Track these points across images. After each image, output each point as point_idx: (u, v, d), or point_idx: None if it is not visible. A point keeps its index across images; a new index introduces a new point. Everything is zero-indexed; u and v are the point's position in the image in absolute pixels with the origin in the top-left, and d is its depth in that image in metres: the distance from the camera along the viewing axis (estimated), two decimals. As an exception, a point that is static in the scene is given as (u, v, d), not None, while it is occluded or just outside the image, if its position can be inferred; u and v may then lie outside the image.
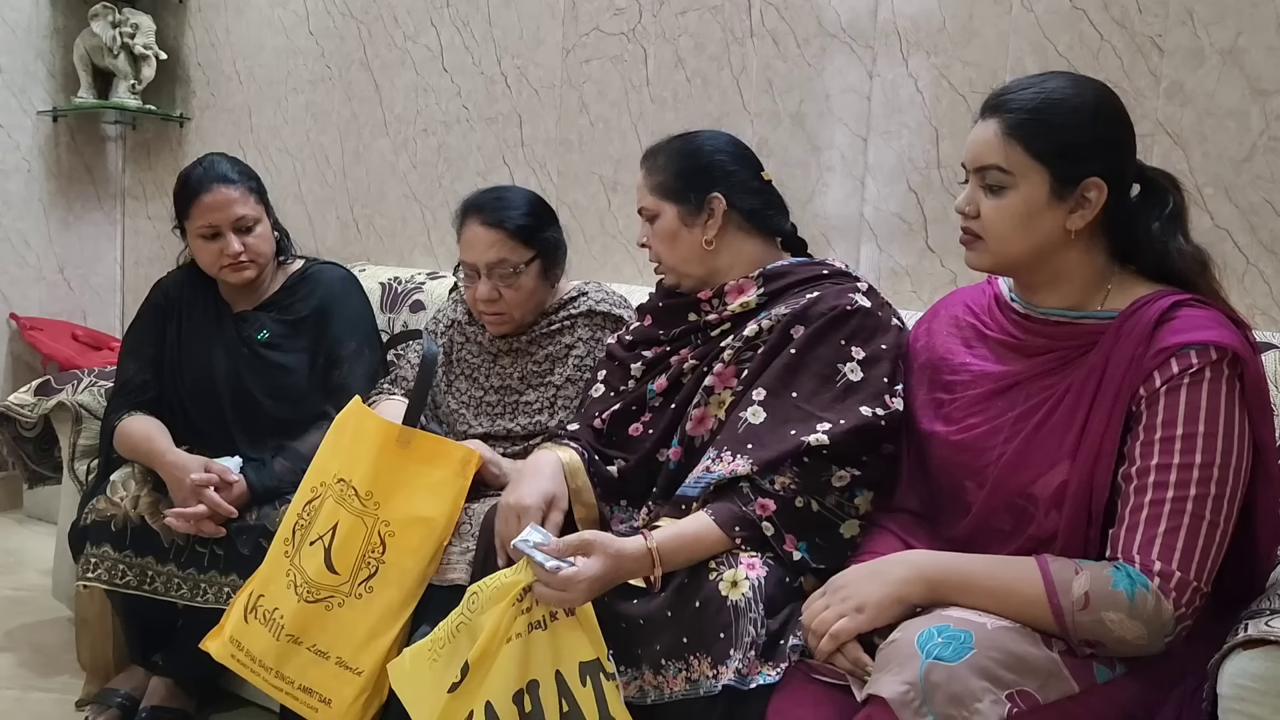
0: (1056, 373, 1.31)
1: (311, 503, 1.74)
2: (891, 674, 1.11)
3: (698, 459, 1.55)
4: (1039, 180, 1.28)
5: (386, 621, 1.63)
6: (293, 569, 1.71)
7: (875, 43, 2.20)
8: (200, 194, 2.01)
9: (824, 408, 1.47)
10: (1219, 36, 1.85)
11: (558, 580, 1.34)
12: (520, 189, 2.03)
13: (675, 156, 1.66)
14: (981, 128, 1.32)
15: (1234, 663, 1.10)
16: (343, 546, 1.67)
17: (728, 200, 1.62)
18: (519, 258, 1.89)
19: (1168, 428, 1.20)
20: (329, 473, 1.74)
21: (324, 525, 1.70)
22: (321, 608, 1.66)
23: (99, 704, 2.00)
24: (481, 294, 1.90)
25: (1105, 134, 1.29)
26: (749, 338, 1.57)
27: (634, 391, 1.69)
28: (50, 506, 2.83)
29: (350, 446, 1.75)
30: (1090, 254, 1.32)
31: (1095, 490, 1.24)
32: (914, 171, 2.17)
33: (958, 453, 1.36)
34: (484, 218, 1.90)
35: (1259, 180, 1.83)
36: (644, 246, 1.70)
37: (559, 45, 2.66)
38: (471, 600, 1.42)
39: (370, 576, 1.65)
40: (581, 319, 1.96)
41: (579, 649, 1.37)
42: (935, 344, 1.47)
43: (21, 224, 3.37)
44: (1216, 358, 1.20)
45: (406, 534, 1.66)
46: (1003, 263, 1.35)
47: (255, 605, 1.72)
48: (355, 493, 1.69)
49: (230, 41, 3.32)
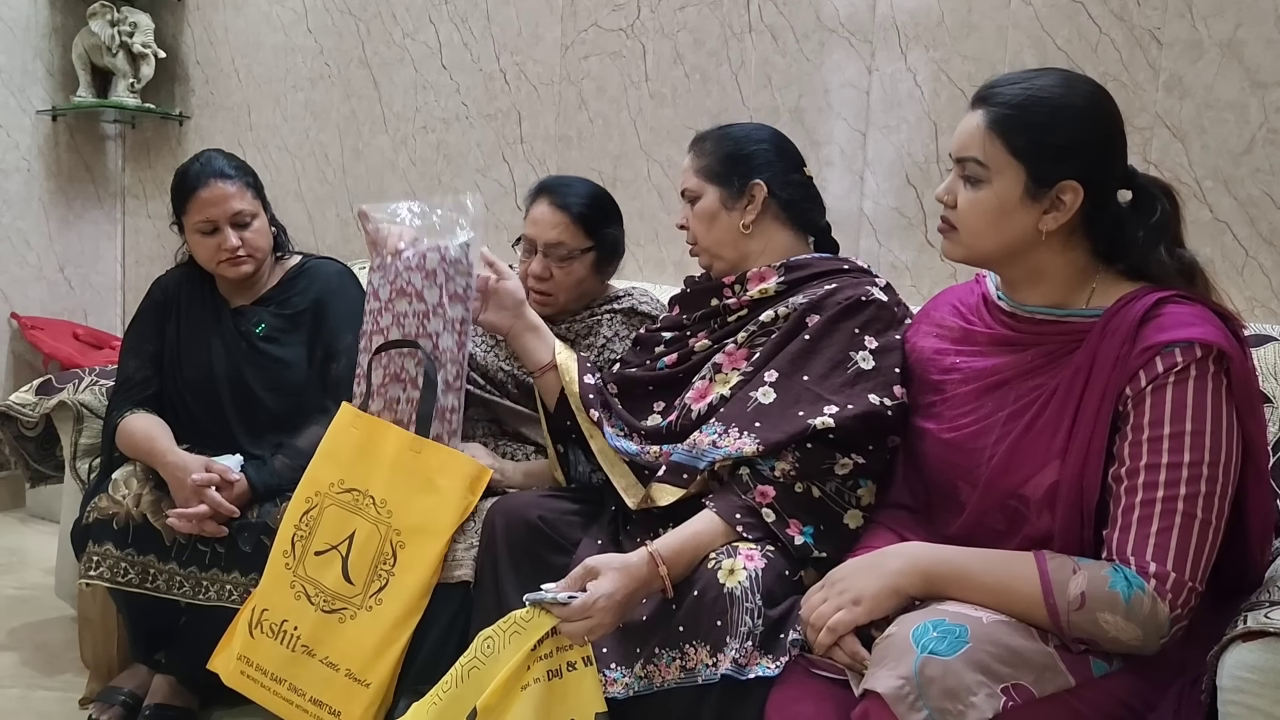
0: (1044, 371, 1.30)
1: (309, 513, 1.73)
2: (887, 668, 1.11)
3: (688, 426, 1.58)
4: (1014, 177, 1.27)
5: (394, 634, 1.63)
6: (298, 580, 1.70)
7: (874, 37, 2.20)
8: (197, 189, 2.02)
9: (833, 391, 1.48)
10: (1218, 29, 1.85)
11: (577, 610, 1.34)
12: (592, 183, 2.06)
13: (723, 142, 1.70)
14: (968, 118, 1.31)
15: (1233, 655, 1.10)
16: (360, 555, 1.67)
17: (769, 188, 1.65)
18: (577, 244, 1.94)
19: (1155, 427, 1.19)
20: (324, 481, 1.73)
21: (335, 534, 1.69)
22: (335, 619, 1.66)
23: (102, 702, 2.00)
24: (534, 270, 1.95)
25: (1087, 137, 1.27)
26: (764, 323, 1.60)
27: (648, 366, 1.73)
28: (52, 505, 2.84)
29: (357, 455, 1.73)
30: (1067, 255, 1.31)
31: (1086, 490, 1.24)
32: (913, 166, 2.17)
33: (950, 452, 1.36)
34: (553, 199, 1.96)
35: (1258, 173, 1.83)
36: (682, 228, 1.74)
37: (557, 41, 2.66)
38: (486, 645, 1.40)
39: (381, 589, 1.66)
40: (621, 315, 2.00)
41: (595, 701, 1.36)
42: (925, 344, 1.47)
43: (22, 223, 3.37)
44: (1201, 355, 1.19)
45: (415, 547, 1.66)
46: (974, 255, 1.34)
47: (260, 620, 1.72)
48: (372, 501, 1.70)
49: (229, 39, 3.32)
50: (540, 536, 1.60)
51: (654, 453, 1.61)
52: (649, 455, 1.61)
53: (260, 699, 1.71)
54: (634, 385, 1.72)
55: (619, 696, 1.37)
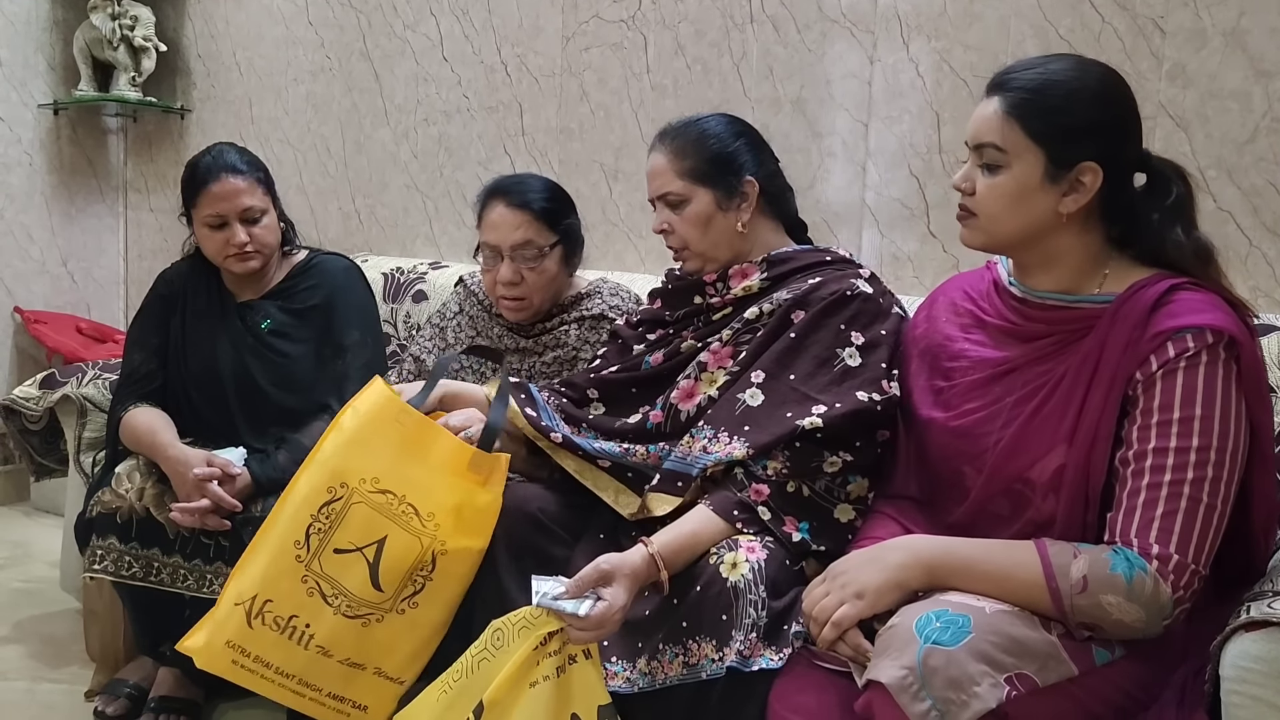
0: (1053, 357, 1.31)
1: (331, 504, 1.55)
2: (890, 659, 1.11)
3: (678, 427, 1.56)
4: (1033, 161, 1.27)
5: (434, 635, 1.58)
6: (312, 575, 1.55)
7: (876, 27, 2.19)
8: (208, 183, 2.01)
9: (820, 390, 1.48)
10: (1221, 18, 1.84)
11: (593, 621, 1.32)
12: (541, 177, 2.03)
13: (704, 141, 1.63)
14: (983, 105, 1.32)
15: (1236, 645, 1.10)
16: (393, 564, 1.55)
17: (759, 184, 1.62)
18: (544, 240, 1.90)
19: (1164, 411, 1.20)
20: (354, 474, 1.56)
21: (362, 535, 1.55)
22: (359, 624, 1.56)
23: (108, 694, 2.01)
24: (503, 276, 1.89)
25: (1104, 118, 1.28)
26: (749, 320, 1.58)
27: (631, 364, 1.70)
28: (57, 499, 2.85)
29: (399, 454, 1.59)
30: (1084, 238, 1.32)
31: (1092, 475, 1.24)
32: (915, 157, 2.16)
33: (955, 439, 1.36)
34: (510, 199, 1.90)
35: (1261, 162, 1.82)
36: (662, 233, 1.67)
37: (559, 33, 2.65)
38: (496, 637, 1.38)
39: (415, 593, 1.57)
40: (590, 321, 1.95)
41: (598, 693, 1.36)
42: (934, 330, 1.47)
43: (24, 218, 3.37)
44: (1213, 341, 1.19)
45: (457, 556, 1.57)
46: (994, 241, 1.34)
47: (262, 610, 1.55)
48: (415, 511, 1.57)
49: (230, 32, 3.32)
50: (540, 529, 1.59)
51: (640, 454, 1.59)
52: (635, 456, 1.59)
53: (259, 688, 1.59)
54: (618, 387, 1.69)
55: (621, 691, 1.37)
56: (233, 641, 1.55)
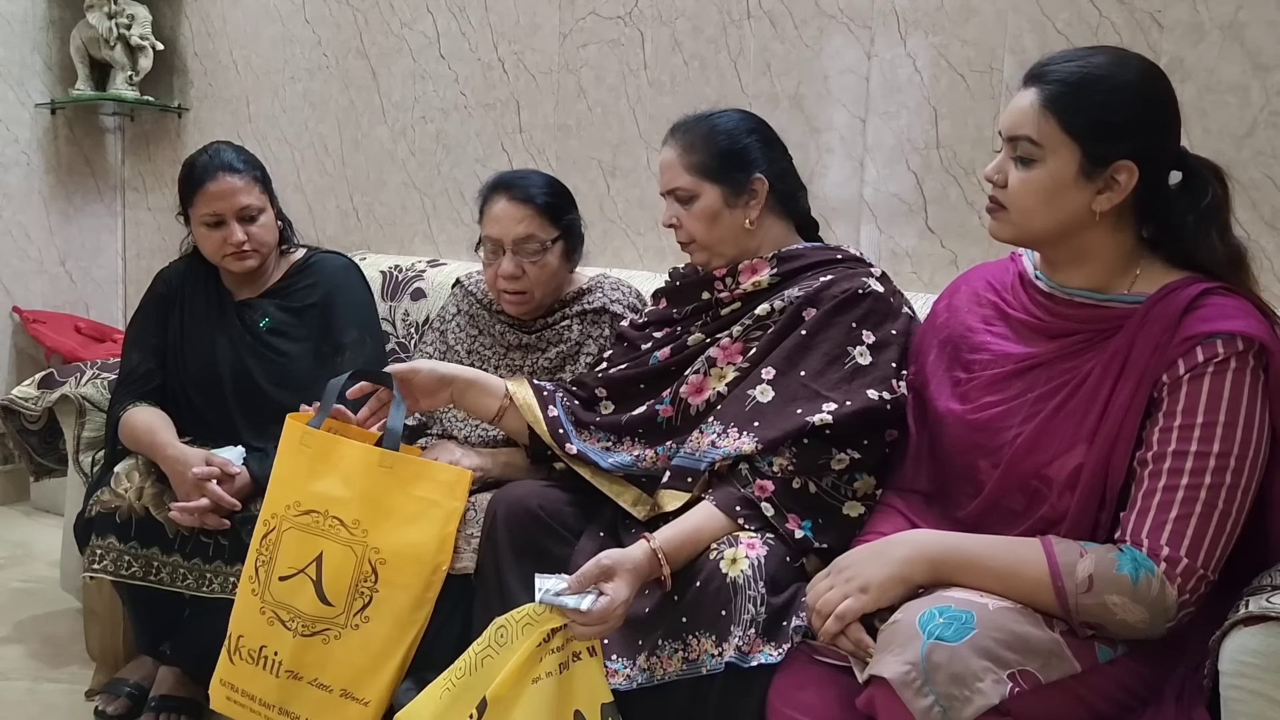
0: (1079, 355, 1.29)
1: (266, 536, 1.68)
2: (893, 654, 1.11)
3: (688, 422, 1.57)
4: (1069, 156, 1.25)
5: (389, 650, 1.61)
6: (267, 606, 1.66)
7: (873, 23, 2.19)
8: (205, 182, 2.01)
9: (830, 388, 1.48)
10: (1219, 11, 1.84)
11: (596, 615, 1.33)
12: (543, 173, 2.04)
13: (713, 137, 1.64)
14: (1020, 96, 1.29)
15: (1235, 639, 1.10)
16: (335, 577, 1.62)
17: (769, 182, 1.63)
18: (546, 235, 1.90)
19: (1188, 415, 1.19)
20: (279, 504, 1.68)
21: (299, 558, 1.65)
22: (319, 640, 1.63)
23: (108, 694, 2.01)
24: (505, 270, 1.89)
25: (1143, 116, 1.26)
26: (760, 317, 1.59)
27: (638, 362, 1.70)
28: (57, 498, 2.85)
29: (309, 475, 1.67)
30: (1116, 236, 1.30)
31: (1111, 474, 1.24)
32: (913, 152, 2.16)
33: (973, 432, 1.35)
34: (512, 194, 1.91)
35: (1260, 156, 1.82)
36: (671, 227, 1.68)
37: (555, 30, 2.65)
38: (500, 633, 1.39)
39: (365, 606, 1.62)
40: (591, 315, 1.95)
41: (600, 691, 1.36)
42: (955, 320, 1.45)
43: (22, 217, 3.37)
44: (1243, 348, 1.19)
45: (397, 565, 1.62)
46: (1024, 236, 1.33)
47: (238, 646, 1.68)
48: (341, 522, 1.64)
49: (226, 31, 3.31)
50: (541, 526, 1.60)
51: (650, 458, 1.59)
52: (646, 462, 1.60)
53: None
54: (626, 385, 1.69)
55: (621, 688, 1.37)
56: (224, 679, 1.71)
